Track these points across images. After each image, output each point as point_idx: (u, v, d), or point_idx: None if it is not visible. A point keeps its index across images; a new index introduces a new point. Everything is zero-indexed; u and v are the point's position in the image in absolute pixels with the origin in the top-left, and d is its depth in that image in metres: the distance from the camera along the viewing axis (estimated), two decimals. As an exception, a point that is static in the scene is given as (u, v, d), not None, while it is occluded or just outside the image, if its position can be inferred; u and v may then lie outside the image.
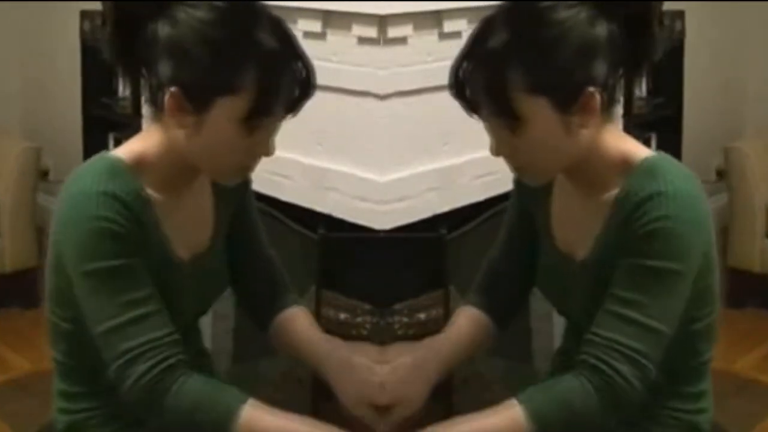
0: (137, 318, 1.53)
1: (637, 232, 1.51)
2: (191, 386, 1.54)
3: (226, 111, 1.50)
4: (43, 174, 4.31)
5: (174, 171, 1.59)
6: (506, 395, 1.61)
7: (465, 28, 2.83)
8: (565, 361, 1.74)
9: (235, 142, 1.52)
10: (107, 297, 1.53)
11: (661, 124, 4.00)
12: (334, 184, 2.84)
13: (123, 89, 4.03)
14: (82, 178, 1.55)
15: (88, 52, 3.96)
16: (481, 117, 1.55)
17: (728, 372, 3.38)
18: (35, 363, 3.41)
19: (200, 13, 1.49)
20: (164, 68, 1.51)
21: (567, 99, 1.50)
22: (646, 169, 1.55)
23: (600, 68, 1.51)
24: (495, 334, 1.83)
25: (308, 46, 2.82)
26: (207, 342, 1.90)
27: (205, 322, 2.80)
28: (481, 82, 1.51)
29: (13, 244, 3.94)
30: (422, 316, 2.87)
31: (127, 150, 1.60)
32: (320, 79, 2.82)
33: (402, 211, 2.79)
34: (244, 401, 1.54)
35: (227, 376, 2.00)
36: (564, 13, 1.49)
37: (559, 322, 3.08)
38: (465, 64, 1.53)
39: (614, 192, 1.57)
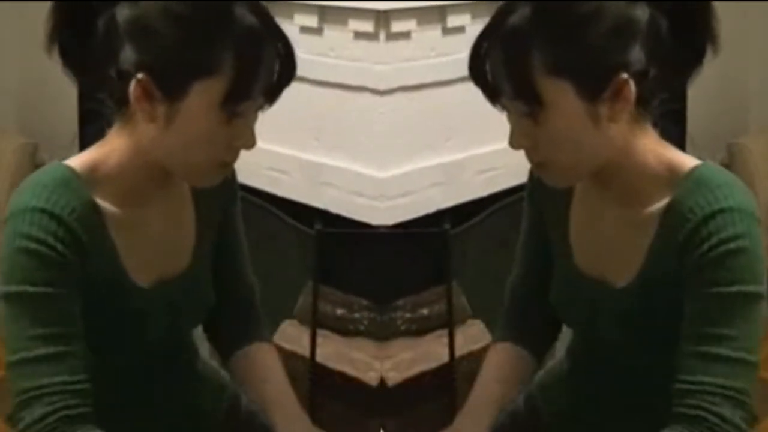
0: (48, 356, 1.33)
1: (704, 256, 1.34)
2: None
3: (202, 96, 1.33)
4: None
5: (138, 180, 1.42)
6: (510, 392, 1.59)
7: (469, 23, 2.83)
8: (574, 385, 1.62)
9: (214, 131, 1.35)
10: (21, 326, 1.34)
11: (664, 119, 3.99)
12: (330, 180, 2.84)
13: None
14: (24, 192, 1.38)
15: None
16: (501, 104, 1.39)
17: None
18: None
19: None
20: (127, 55, 1.34)
21: (595, 84, 1.33)
22: (698, 180, 1.39)
23: (636, 54, 1.34)
24: (535, 365, 1.67)
25: (305, 41, 2.84)
26: (203, 338, 1.80)
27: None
28: (501, 62, 1.35)
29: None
30: (425, 311, 2.87)
31: (81, 159, 1.43)
32: (317, 74, 2.84)
33: (403, 207, 2.78)
34: None
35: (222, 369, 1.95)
36: None
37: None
38: (485, 44, 1.37)
39: (659, 206, 1.40)
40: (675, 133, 4.66)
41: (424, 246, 2.80)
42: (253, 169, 2.94)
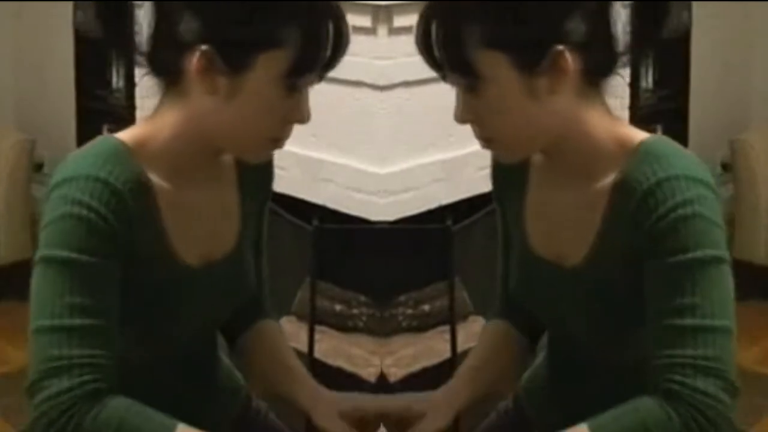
0: (80, 327, 1.30)
1: (655, 226, 1.31)
2: (115, 410, 1.30)
3: (267, 68, 1.32)
4: (38, 166, 4.29)
5: (185, 154, 1.39)
6: (511, 385, 1.58)
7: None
8: (549, 377, 1.60)
9: (274, 105, 1.34)
10: (57, 292, 1.31)
11: (666, 116, 3.99)
12: (329, 176, 2.83)
13: (117, 81, 4.02)
14: (76, 160, 1.35)
15: (82, 43, 3.95)
16: (439, 72, 1.38)
17: (733, 365, 3.38)
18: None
19: None
20: (189, 26, 1.31)
21: (530, 57, 1.31)
22: (647, 153, 1.35)
23: (576, 26, 1.32)
24: (525, 345, 1.64)
25: None
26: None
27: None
28: (440, 36, 1.34)
29: (7, 237, 3.93)
30: (426, 307, 2.87)
31: (131, 132, 1.40)
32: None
33: (405, 203, 2.78)
34: (173, 427, 1.32)
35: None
36: None
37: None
38: (426, 21, 1.36)
39: (608, 181, 1.37)
40: (677, 129, 4.68)
41: (426, 242, 2.80)
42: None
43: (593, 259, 1.40)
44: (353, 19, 2.72)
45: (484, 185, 2.92)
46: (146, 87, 1.44)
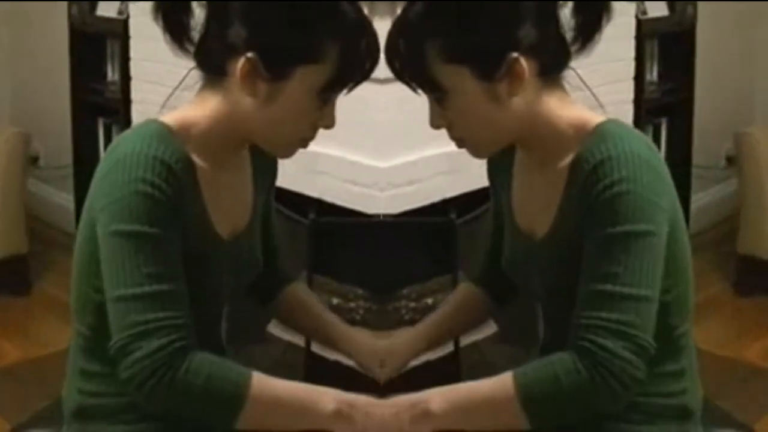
0: (159, 293, 1.45)
1: (595, 200, 1.46)
2: (202, 361, 1.46)
3: (304, 80, 1.47)
4: (33, 160, 4.29)
5: (222, 141, 1.55)
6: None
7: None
8: (542, 345, 1.72)
9: (308, 112, 1.50)
10: (133, 262, 1.45)
11: (671, 109, 3.97)
12: (327, 169, 2.82)
13: (112, 74, 4.00)
14: (130, 141, 1.49)
15: (77, 36, 3.93)
16: (405, 83, 1.53)
17: (737, 360, 3.37)
18: (26, 351, 3.39)
19: None
20: (238, 32, 1.46)
21: (489, 66, 1.46)
22: (599, 134, 1.50)
23: (527, 32, 1.47)
24: (490, 307, 1.91)
25: None
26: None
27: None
28: (402, 54, 1.49)
29: (2, 231, 3.88)
30: (430, 300, 2.86)
31: (175, 116, 1.54)
32: None
33: (407, 196, 2.77)
34: (251, 371, 1.49)
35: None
36: None
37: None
38: (392, 39, 1.51)
39: (567, 161, 1.53)
40: (682, 122, 4.67)
41: (430, 235, 2.79)
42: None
43: (555, 231, 1.56)
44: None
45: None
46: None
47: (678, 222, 1.54)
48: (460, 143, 1.58)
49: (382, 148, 2.73)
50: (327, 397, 1.49)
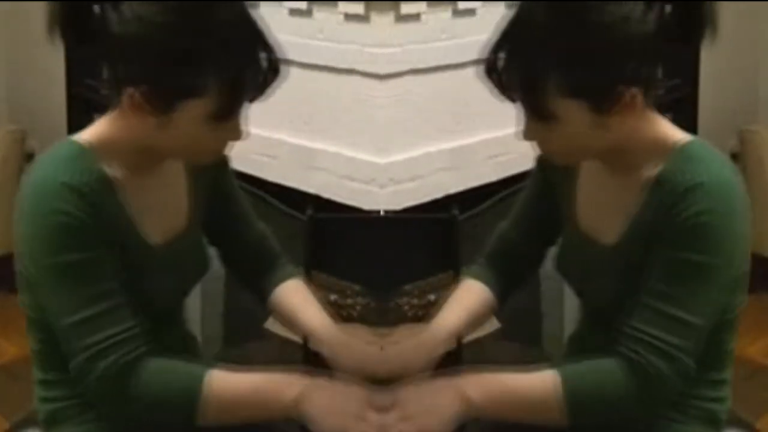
0: (101, 312, 1.49)
1: (679, 224, 1.47)
2: (153, 371, 1.50)
3: (191, 111, 1.46)
4: (29, 156, 4.27)
5: (136, 155, 1.55)
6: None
7: (479, 5, 2.81)
8: (581, 346, 1.72)
9: (203, 136, 1.49)
10: (70, 291, 1.49)
11: (675, 105, 3.96)
12: (324, 165, 2.82)
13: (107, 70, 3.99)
14: (42, 168, 1.52)
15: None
16: (509, 98, 1.51)
17: (740, 357, 3.34)
18: (23, 348, 3.36)
19: (153, 11, 1.41)
20: (121, 68, 1.46)
21: (607, 101, 1.45)
22: (687, 154, 1.51)
23: (644, 67, 1.46)
24: (496, 307, 1.85)
25: (294, 24, 2.82)
26: (196, 326, 1.89)
27: (195, 306, 2.78)
28: (517, 76, 1.46)
29: (-1, 228, 3.89)
30: (432, 297, 2.85)
31: (91, 132, 1.56)
32: (306, 57, 2.81)
33: (409, 192, 2.76)
34: (206, 371, 1.51)
35: (217, 359, 1.97)
36: (611, 10, 1.41)
37: (569, 307, 3.06)
38: (501, 52, 1.48)
39: (649, 175, 1.53)
40: (686, 119, 4.64)
41: (432, 232, 2.78)
42: (243, 153, 2.92)
43: (627, 240, 1.56)
44: (347, 7, 2.72)
45: (492, 174, 2.93)
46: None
47: (749, 243, 1.57)
48: (548, 154, 1.58)
49: (383, 144, 2.72)
50: (290, 387, 1.50)
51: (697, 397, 1.62)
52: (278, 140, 2.90)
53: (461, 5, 2.79)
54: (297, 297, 1.82)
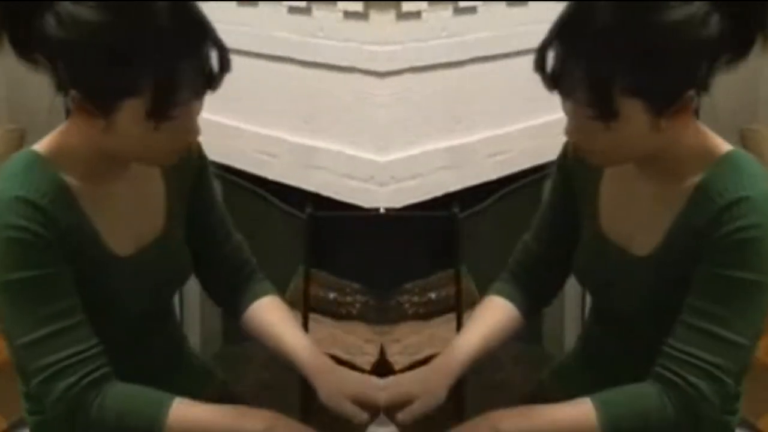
0: (58, 331, 1.44)
1: (723, 239, 1.42)
2: (115, 396, 1.46)
3: (130, 111, 1.41)
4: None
5: (97, 161, 1.50)
6: (517, 376, 1.58)
7: (480, 4, 2.80)
8: (593, 349, 1.70)
9: (150, 137, 1.43)
10: (25, 310, 1.43)
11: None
12: (324, 163, 2.81)
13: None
14: None
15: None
16: (562, 95, 1.45)
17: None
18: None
19: (87, 11, 1.37)
20: (62, 70, 1.43)
21: (666, 102, 1.41)
22: (729, 164, 1.47)
23: (703, 69, 1.43)
24: (521, 324, 1.76)
25: (294, 22, 2.81)
26: (196, 325, 1.85)
27: (195, 306, 2.79)
28: (580, 71, 1.40)
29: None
30: (433, 295, 2.85)
31: (47, 142, 1.53)
32: (306, 54, 2.81)
33: (410, 190, 2.76)
34: (170, 400, 1.47)
35: (217, 357, 1.96)
36: (675, 10, 1.37)
37: (570, 307, 3.07)
38: (559, 46, 1.42)
39: (689, 184, 1.48)
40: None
41: (432, 230, 2.78)
42: (242, 152, 2.92)
43: (660, 252, 1.51)
44: (346, 5, 2.71)
45: (493, 172, 2.92)
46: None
47: None
48: (588, 153, 1.51)
49: (383, 143, 2.72)
50: (255, 418, 1.47)
51: (722, 411, 1.57)
52: (278, 138, 2.89)
53: (462, 3, 2.78)
54: (274, 316, 1.73)
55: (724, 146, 1.51)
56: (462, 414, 1.62)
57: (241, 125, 2.94)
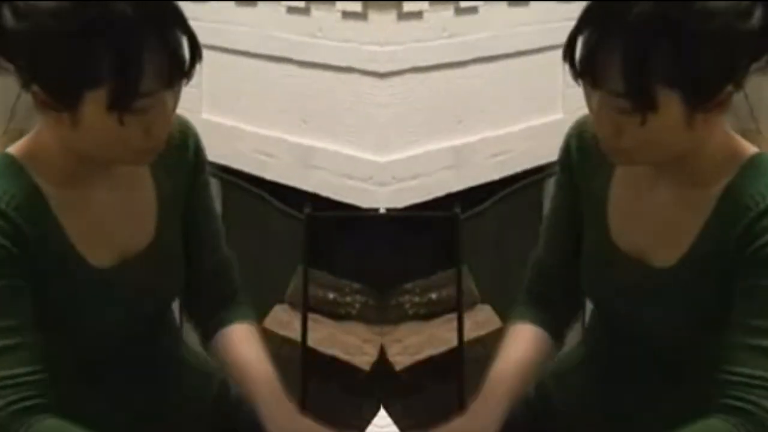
0: (1, 349, 1.33)
1: (759, 250, 1.34)
2: (47, 430, 1.33)
3: (94, 104, 1.33)
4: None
5: (75, 163, 1.41)
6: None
7: (481, 4, 2.80)
8: (596, 357, 1.62)
9: (116, 132, 1.35)
10: None
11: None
12: (322, 164, 2.81)
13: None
14: None
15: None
16: (591, 86, 1.36)
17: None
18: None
19: (45, 2, 1.31)
20: (22, 65, 1.36)
21: (704, 96, 1.33)
22: (760, 169, 1.40)
23: (742, 64, 1.36)
24: (554, 347, 1.66)
25: (293, 22, 2.81)
26: (191, 329, 1.77)
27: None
28: (615, 58, 1.31)
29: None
30: (433, 295, 2.85)
31: (21, 144, 1.45)
32: (304, 55, 2.80)
33: (411, 190, 2.76)
34: None
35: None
36: (721, 4, 1.31)
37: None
38: (592, 33, 1.34)
39: (716, 188, 1.40)
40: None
41: (434, 230, 2.78)
42: (241, 152, 2.92)
43: (686, 263, 1.42)
44: (345, 5, 2.71)
45: (494, 173, 2.92)
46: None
47: None
48: (615, 150, 1.41)
49: (383, 143, 2.72)
50: None
51: None
52: (277, 138, 2.89)
53: (463, 3, 2.78)
54: (247, 348, 1.61)
55: (750, 148, 1.44)
56: (463, 410, 1.60)
57: (240, 125, 2.94)
